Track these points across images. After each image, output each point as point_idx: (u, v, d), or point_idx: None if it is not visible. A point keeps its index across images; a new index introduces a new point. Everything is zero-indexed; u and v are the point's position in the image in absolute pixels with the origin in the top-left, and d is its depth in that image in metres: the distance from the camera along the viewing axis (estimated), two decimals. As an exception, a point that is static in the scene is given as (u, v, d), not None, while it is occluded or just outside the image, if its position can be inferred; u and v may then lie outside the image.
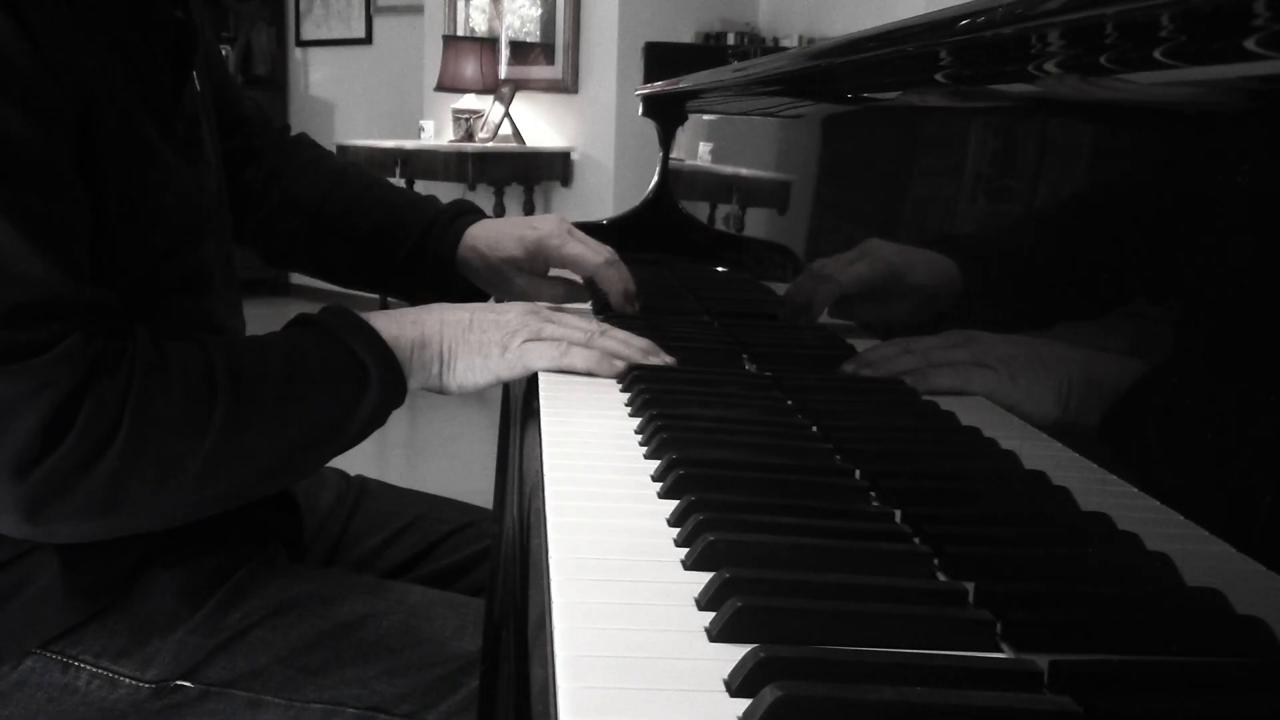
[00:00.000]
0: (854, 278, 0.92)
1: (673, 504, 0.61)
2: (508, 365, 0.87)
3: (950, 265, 0.74)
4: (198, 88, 0.95)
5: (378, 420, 0.82)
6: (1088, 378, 0.58)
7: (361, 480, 1.14)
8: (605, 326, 0.91)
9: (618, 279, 1.09)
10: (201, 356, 0.77)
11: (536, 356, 0.87)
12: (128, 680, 0.81)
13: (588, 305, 1.17)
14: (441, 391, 0.88)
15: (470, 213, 1.15)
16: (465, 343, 0.87)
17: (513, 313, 0.89)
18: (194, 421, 0.74)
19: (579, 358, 0.87)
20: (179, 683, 0.81)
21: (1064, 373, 0.59)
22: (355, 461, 0.97)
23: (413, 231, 1.12)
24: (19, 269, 0.71)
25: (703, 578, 0.52)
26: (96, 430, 0.71)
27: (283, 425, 0.78)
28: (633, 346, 0.90)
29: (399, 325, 0.85)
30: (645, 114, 1.75)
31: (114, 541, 0.81)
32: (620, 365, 0.88)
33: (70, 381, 0.70)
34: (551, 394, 0.84)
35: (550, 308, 0.95)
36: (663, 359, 0.90)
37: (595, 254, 1.09)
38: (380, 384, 0.81)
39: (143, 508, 0.74)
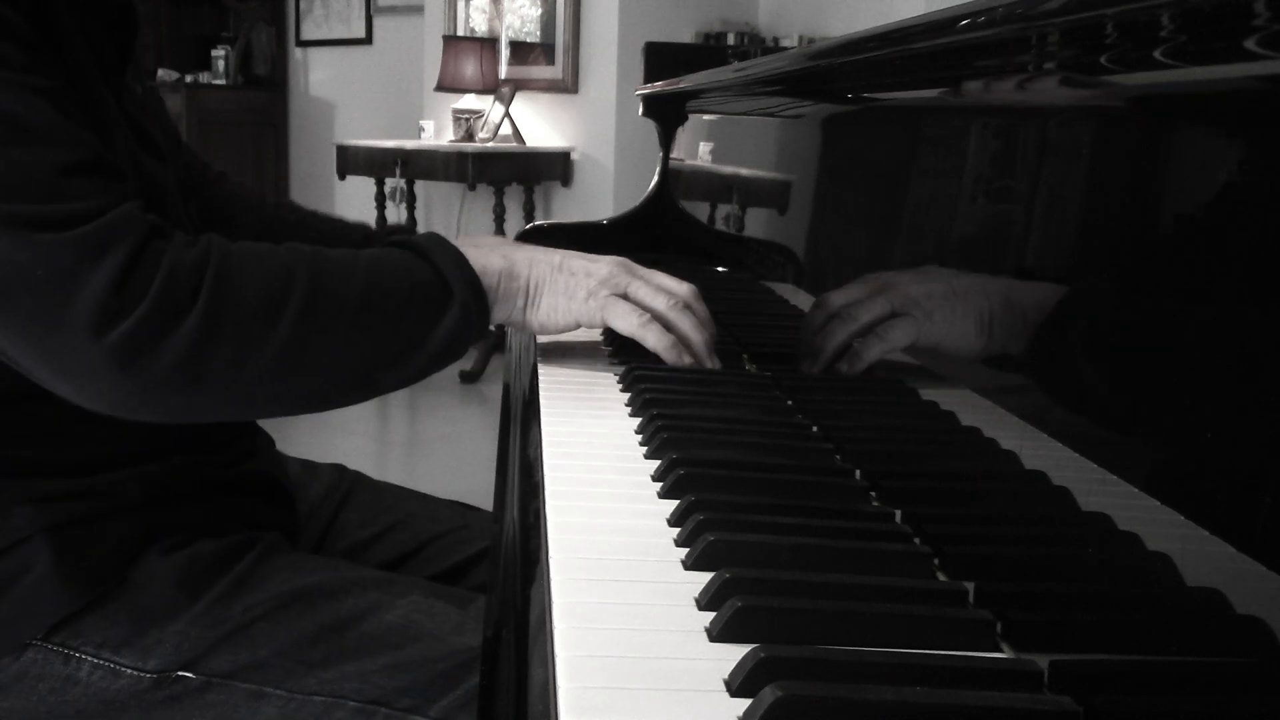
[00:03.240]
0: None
1: (673, 504, 0.61)
2: (588, 312, 0.89)
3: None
4: (140, 90, 0.95)
5: (456, 345, 0.82)
6: (1007, 306, 0.60)
7: (356, 475, 1.15)
8: (687, 298, 0.91)
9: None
10: (283, 251, 0.78)
11: (617, 315, 0.88)
12: (129, 671, 0.82)
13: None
14: (523, 328, 0.90)
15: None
16: (553, 283, 0.88)
17: (605, 263, 0.90)
18: (270, 306, 0.74)
19: (653, 335, 0.88)
20: (180, 673, 0.82)
21: (983, 304, 0.61)
22: (355, 458, 0.97)
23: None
24: (61, 135, 0.72)
25: (703, 578, 0.52)
26: (175, 296, 0.71)
27: (359, 328, 0.78)
28: (701, 336, 0.90)
29: (487, 256, 0.86)
30: (645, 114, 1.75)
31: (107, 526, 0.83)
32: (687, 360, 0.89)
33: (133, 244, 0.71)
34: (551, 393, 0.84)
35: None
36: (715, 362, 0.90)
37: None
38: (462, 306, 0.81)
39: (225, 385, 0.74)
